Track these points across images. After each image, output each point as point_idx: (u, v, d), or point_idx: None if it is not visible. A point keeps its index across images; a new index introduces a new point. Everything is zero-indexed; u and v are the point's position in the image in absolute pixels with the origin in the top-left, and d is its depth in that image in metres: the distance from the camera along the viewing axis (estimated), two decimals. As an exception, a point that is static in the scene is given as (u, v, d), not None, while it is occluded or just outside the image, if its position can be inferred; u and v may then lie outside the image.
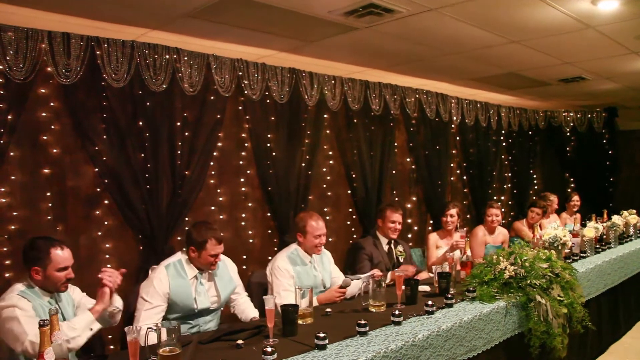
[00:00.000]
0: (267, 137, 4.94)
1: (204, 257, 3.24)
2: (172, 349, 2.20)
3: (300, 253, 3.85)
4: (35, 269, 2.70)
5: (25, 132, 3.71)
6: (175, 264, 3.27)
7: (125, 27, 3.83)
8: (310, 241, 3.81)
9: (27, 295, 2.66)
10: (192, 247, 3.26)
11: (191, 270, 3.28)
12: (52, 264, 2.70)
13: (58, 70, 3.70)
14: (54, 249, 2.72)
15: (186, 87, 4.31)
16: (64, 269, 2.74)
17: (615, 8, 3.67)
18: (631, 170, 9.38)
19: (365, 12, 3.62)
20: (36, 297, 2.70)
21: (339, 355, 2.37)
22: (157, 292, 3.13)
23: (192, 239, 3.25)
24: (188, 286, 3.23)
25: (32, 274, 2.71)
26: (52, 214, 3.81)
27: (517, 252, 3.57)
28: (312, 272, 3.86)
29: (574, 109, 8.62)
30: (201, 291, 3.28)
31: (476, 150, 7.54)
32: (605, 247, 5.25)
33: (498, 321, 3.20)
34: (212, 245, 3.23)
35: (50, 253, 2.71)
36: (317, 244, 3.82)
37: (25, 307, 2.58)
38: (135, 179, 4.09)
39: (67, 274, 2.75)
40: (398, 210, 4.67)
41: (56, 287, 2.75)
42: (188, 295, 3.21)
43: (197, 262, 3.28)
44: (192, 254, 3.27)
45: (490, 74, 5.76)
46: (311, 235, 3.80)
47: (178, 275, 3.23)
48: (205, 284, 3.33)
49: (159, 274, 3.20)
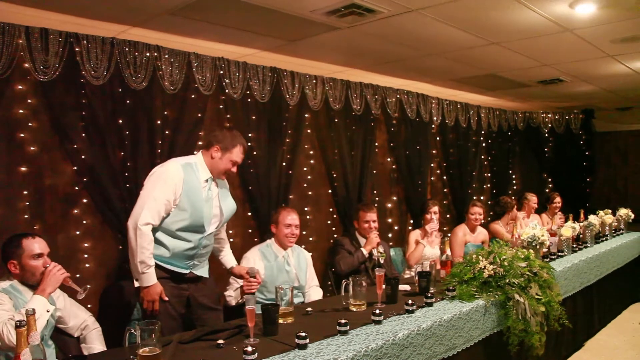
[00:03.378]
0: (248, 136, 4.92)
1: (225, 161, 3.19)
2: (152, 349, 2.18)
3: (273, 247, 3.93)
4: (11, 262, 2.77)
5: (2, 129, 3.64)
6: (191, 164, 3.18)
7: (105, 24, 3.79)
8: (281, 231, 3.90)
9: (8, 293, 2.68)
10: (218, 145, 3.19)
11: (204, 172, 3.20)
12: (25, 253, 2.76)
13: (36, 67, 3.64)
14: (25, 239, 2.80)
15: (167, 85, 4.27)
16: (38, 256, 2.78)
17: (592, 12, 3.74)
18: (607, 171, 9.59)
19: (347, 12, 3.64)
20: (18, 295, 2.72)
21: (320, 354, 2.38)
22: (168, 183, 3.03)
23: (220, 140, 3.20)
24: (199, 188, 3.15)
25: (10, 268, 2.77)
26: (29, 213, 3.75)
27: (496, 252, 3.61)
28: (285, 266, 3.89)
29: (552, 111, 8.75)
30: (209, 198, 3.20)
31: (456, 151, 7.61)
32: (582, 247, 5.35)
33: (477, 320, 3.23)
34: (239, 151, 3.22)
35: (22, 243, 2.77)
36: (287, 233, 3.89)
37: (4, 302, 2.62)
38: (115, 178, 4.04)
39: (44, 262, 2.78)
40: (371, 209, 4.72)
41: (35, 277, 2.76)
42: (199, 196, 3.13)
43: (214, 164, 3.21)
44: (214, 154, 3.19)
45: (471, 74, 5.82)
46: (282, 225, 3.89)
47: (191, 173, 3.14)
48: (212, 192, 3.25)
49: (172, 167, 3.10)
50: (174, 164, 3.14)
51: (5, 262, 2.78)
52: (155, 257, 3.07)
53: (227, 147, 3.19)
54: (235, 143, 3.21)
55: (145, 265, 2.97)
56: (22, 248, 2.76)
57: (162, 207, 3.03)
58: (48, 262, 2.79)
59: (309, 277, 4.10)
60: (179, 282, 3.20)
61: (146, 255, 2.97)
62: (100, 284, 4.02)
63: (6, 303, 2.63)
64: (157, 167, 3.17)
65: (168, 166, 3.13)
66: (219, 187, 3.31)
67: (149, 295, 3.02)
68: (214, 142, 3.21)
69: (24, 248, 2.76)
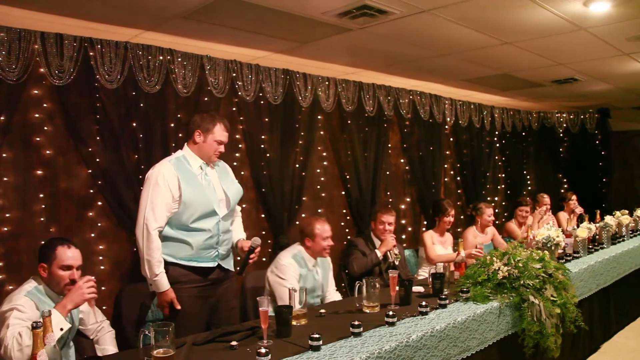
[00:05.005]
0: (261, 138, 4.93)
1: (209, 142, 3.19)
2: (166, 350, 2.19)
3: (304, 256, 3.85)
4: (42, 265, 2.71)
5: (18, 133, 3.69)
6: (180, 158, 3.19)
7: (119, 28, 3.82)
8: (319, 244, 3.83)
9: (33, 296, 2.63)
10: (198, 130, 3.19)
11: (195, 160, 3.22)
12: (56, 261, 2.69)
13: (51, 71, 3.68)
14: (61, 246, 2.72)
15: (180, 88, 4.30)
16: (67, 268, 2.71)
17: (606, 10, 3.70)
18: (623, 171, 9.46)
19: (358, 14, 3.63)
20: (42, 298, 2.67)
21: (333, 356, 2.37)
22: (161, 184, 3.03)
23: (198, 124, 3.20)
24: (196, 178, 3.17)
25: (40, 271, 2.72)
26: (45, 216, 3.79)
27: (510, 253, 3.58)
28: (315, 275, 3.87)
29: (567, 110, 8.66)
30: (209, 182, 3.21)
31: (470, 151, 7.56)
32: (598, 248, 5.27)
33: (492, 321, 3.20)
34: (220, 129, 3.21)
35: (56, 249, 2.70)
36: (325, 246, 3.85)
37: (25, 310, 2.54)
38: (129, 181, 4.07)
39: (70, 274, 2.71)
40: (390, 211, 4.72)
41: (59, 287, 2.71)
42: (198, 184, 3.14)
43: (200, 149, 3.21)
44: (197, 138, 3.20)
45: (484, 75, 5.78)
46: (320, 238, 3.82)
47: (183, 167, 3.15)
48: (211, 176, 3.26)
49: (161, 167, 3.11)
50: (163, 162, 3.17)
51: (38, 264, 2.74)
52: (181, 258, 3.10)
53: (207, 128, 3.19)
54: (215, 122, 3.21)
55: (154, 272, 3.00)
56: (54, 254, 2.69)
57: (162, 209, 3.04)
58: (76, 275, 2.72)
59: (330, 282, 4.08)
60: (205, 287, 3.19)
61: (154, 261, 2.99)
62: (115, 285, 4.05)
63: (27, 311, 2.54)
64: (150, 171, 3.16)
65: (158, 167, 3.13)
66: (216, 171, 3.32)
67: (160, 301, 3.07)
68: (193, 128, 3.22)
69: (57, 255, 2.69)
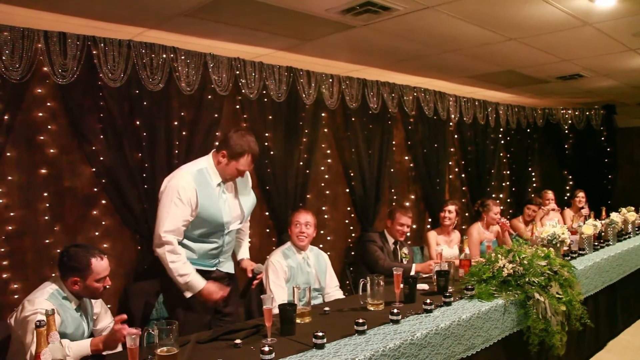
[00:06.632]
0: (264, 136, 4.93)
1: (232, 168, 3.13)
2: (170, 349, 2.19)
3: (293, 249, 3.95)
4: (74, 280, 2.67)
5: (22, 132, 3.69)
6: (202, 171, 3.12)
7: (122, 27, 3.82)
8: (292, 231, 3.95)
9: (55, 300, 2.62)
10: (225, 151, 3.12)
11: (216, 177, 3.16)
12: (92, 275, 2.68)
13: (54, 70, 3.69)
14: (94, 259, 2.70)
15: (183, 86, 4.30)
16: (102, 279, 2.73)
17: (612, 5, 3.67)
18: (630, 168, 9.38)
19: (362, 10, 3.62)
20: (64, 302, 2.67)
21: (337, 354, 2.37)
22: (183, 199, 2.99)
23: (229, 145, 3.12)
24: (214, 195, 3.13)
25: (70, 285, 2.68)
26: (49, 214, 3.80)
27: (515, 250, 3.57)
28: (306, 267, 3.91)
29: (572, 107, 8.61)
30: (225, 201, 3.19)
31: (474, 148, 7.54)
32: (604, 245, 5.25)
33: (497, 319, 3.19)
34: (246, 161, 3.14)
35: (92, 264, 2.68)
36: (297, 232, 3.93)
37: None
38: (133, 179, 4.08)
39: (105, 282, 2.74)
40: (408, 213, 4.76)
41: (94, 296, 2.76)
42: (215, 201, 3.11)
43: (221, 169, 3.16)
44: (220, 159, 3.14)
45: (488, 71, 5.76)
46: (293, 225, 3.95)
47: (204, 182, 3.10)
48: (228, 192, 3.24)
49: (183, 180, 3.04)
50: (185, 175, 3.08)
51: (66, 277, 2.68)
52: None
53: (234, 155, 3.12)
54: (244, 152, 3.11)
55: (183, 276, 2.99)
56: (90, 269, 2.66)
57: (180, 223, 3.02)
58: (108, 282, 2.75)
59: (329, 278, 4.09)
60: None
61: (180, 265, 2.99)
62: (119, 284, 4.06)
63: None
64: (169, 180, 3.11)
65: (179, 180, 3.06)
66: (236, 184, 3.30)
67: (209, 298, 3.07)
68: (223, 147, 3.15)
69: (93, 269, 2.66)
